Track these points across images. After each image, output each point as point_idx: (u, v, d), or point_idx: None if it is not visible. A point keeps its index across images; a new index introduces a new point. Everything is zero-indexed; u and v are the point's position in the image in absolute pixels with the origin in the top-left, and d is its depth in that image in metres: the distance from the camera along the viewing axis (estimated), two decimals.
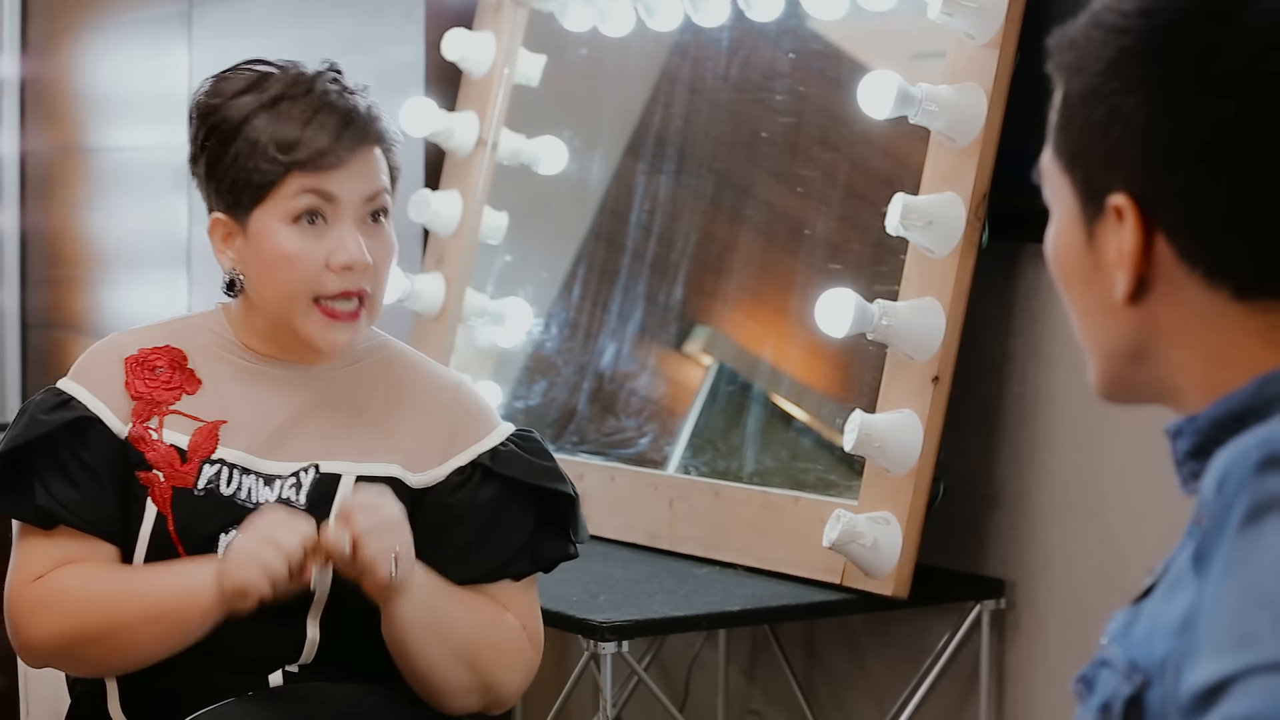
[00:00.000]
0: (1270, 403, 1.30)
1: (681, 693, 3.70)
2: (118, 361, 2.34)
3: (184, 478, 2.30)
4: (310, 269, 2.27)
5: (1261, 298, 1.31)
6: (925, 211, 2.97)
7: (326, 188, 2.26)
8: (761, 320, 3.46)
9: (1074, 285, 1.39)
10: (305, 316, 2.28)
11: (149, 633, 2.24)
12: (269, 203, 2.27)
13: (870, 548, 2.96)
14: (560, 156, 3.77)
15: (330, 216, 2.27)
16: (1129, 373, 1.38)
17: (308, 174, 2.25)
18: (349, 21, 4.18)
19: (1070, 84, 1.36)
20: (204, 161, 2.31)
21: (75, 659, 2.32)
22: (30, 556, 2.31)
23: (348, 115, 2.27)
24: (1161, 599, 1.30)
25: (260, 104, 2.27)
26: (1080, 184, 1.36)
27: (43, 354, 5.36)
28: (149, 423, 2.31)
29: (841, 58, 3.35)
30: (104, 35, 5.12)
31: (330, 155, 2.25)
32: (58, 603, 2.28)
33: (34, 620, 2.29)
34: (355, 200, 2.27)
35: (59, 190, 5.31)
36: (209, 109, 2.30)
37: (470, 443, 2.35)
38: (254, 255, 2.30)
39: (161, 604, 2.24)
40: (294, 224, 2.27)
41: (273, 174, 2.25)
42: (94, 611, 2.25)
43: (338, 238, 2.27)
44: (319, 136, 2.25)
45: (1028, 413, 3.15)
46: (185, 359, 2.35)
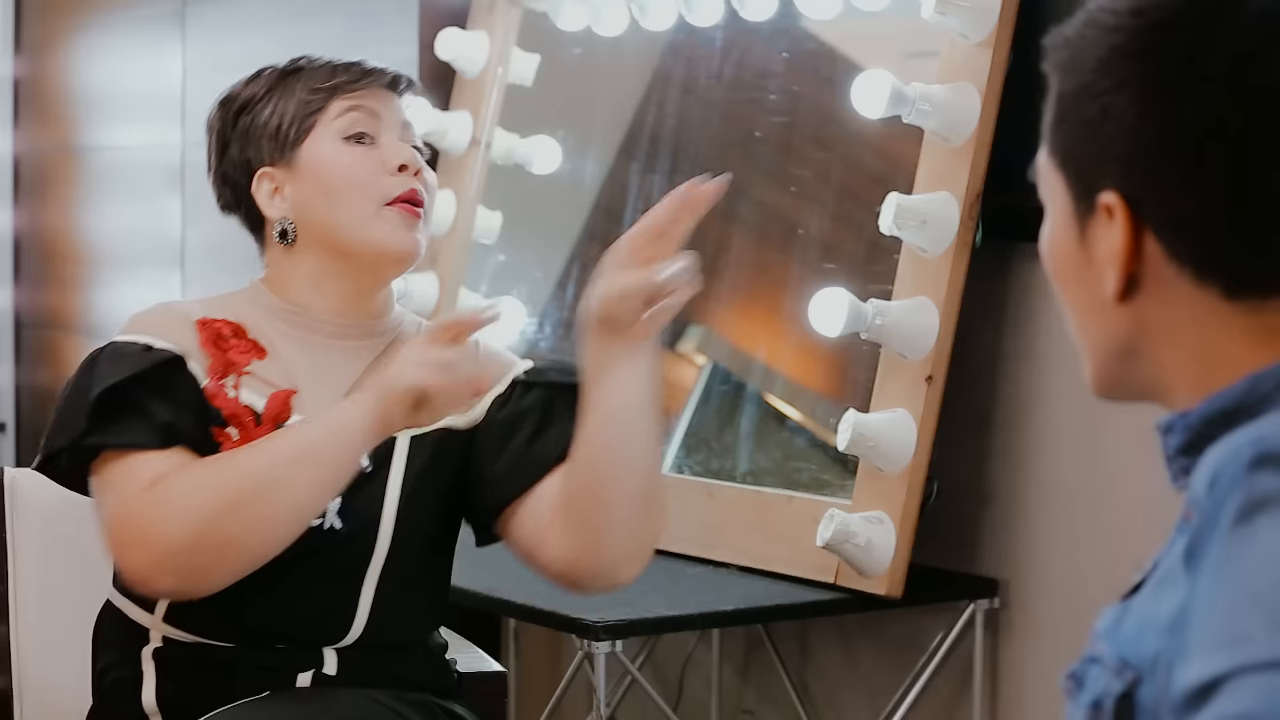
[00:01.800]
0: (1262, 401, 1.30)
1: (675, 692, 3.70)
2: (188, 322, 2.35)
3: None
4: (371, 174, 2.36)
5: (1251, 297, 1.32)
6: (919, 211, 2.97)
7: (369, 104, 2.39)
8: (755, 320, 3.46)
9: (1067, 283, 1.40)
10: (377, 220, 2.35)
11: (292, 484, 2.19)
12: (316, 130, 2.38)
13: (864, 547, 2.96)
14: (554, 156, 3.77)
15: (376, 134, 2.38)
16: (1121, 370, 1.38)
17: (349, 95, 2.38)
18: (342, 21, 4.18)
19: (1064, 82, 1.37)
20: (236, 133, 2.42)
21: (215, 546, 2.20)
22: (135, 473, 2.24)
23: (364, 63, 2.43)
24: (1151, 596, 1.30)
25: (283, 71, 2.43)
26: (1072, 182, 1.37)
27: (37, 353, 5.35)
28: (225, 380, 2.33)
29: (835, 57, 3.35)
30: (97, 34, 5.11)
31: (366, 74, 2.40)
32: (187, 485, 2.21)
33: (164, 515, 2.20)
34: (395, 123, 2.40)
35: (53, 190, 5.31)
36: (229, 98, 2.45)
37: (501, 376, 2.42)
38: (310, 184, 2.37)
39: (303, 447, 2.21)
40: (345, 142, 2.38)
41: (316, 102, 2.38)
42: (233, 477, 2.20)
43: (388, 147, 2.38)
44: (350, 70, 2.40)
45: (1021, 412, 3.15)
46: (245, 330, 2.37)
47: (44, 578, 2.60)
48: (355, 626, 2.33)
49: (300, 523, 2.22)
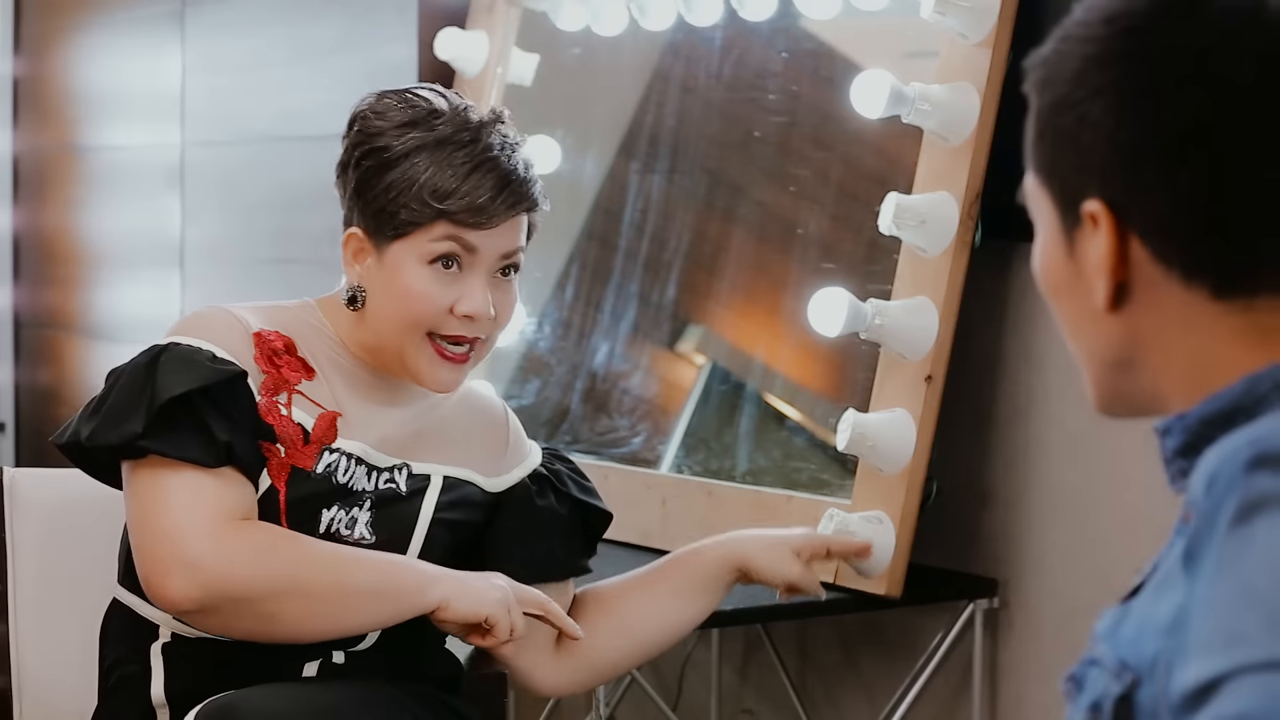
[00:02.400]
0: (1259, 402, 1.30)
1: (675, 692, 3.70)
2: (246, 334, 2.34)
3: (304, 459, 2.32)
4: (434, 310, 2.32)
5: (1240, 296, 1.32)
6: (918, 211, 2.97)
7: (470, 240, 2.31)
8: (754, 319, 3.46)
9: (1060, 298, 1.40)
10: (417, 350, 2.34)
11: (369, 603, 2.26)
12: (411, 239, 2.31)
13: None
14: (553, 156, 3.77)
15: (465, 265, 2.32)
16: (1120, 383, 1.39)
17: (456, 226, 2.30)
18: (342, 20, 4.18)
19: (1041, 99, 1.38)
20: (354, 178, 2.35)
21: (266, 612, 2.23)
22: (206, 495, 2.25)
23: (508, 177, 2.32)
24: (1150, 598, 1.30)
25: (424, 143, 2.32)
26: (1057, 195, 1.37)
27: (36, 353, 5.35)
28: (278, 398, 2.33)
29: (834, 57, 3.35)
30: (97, 34, 5.11)
31: (483, 215, 2.30)
32: (276, 550, 2.23)
33: (241, 562, 2.21)
34: (493, 256, 2.33)
35: (52, 189, 5.31)
36: (373, 131, 2.35)
37: (523, 457, 2.51)
38: (383, 282, 2.34)
39: (394, 581, 2.27)
40: (429, 265, 2.32)
41: (423, 216, 2.30)
42: (321, 569, 2.24)
43: (467, 287, 2.32)
44: (478, 192, 2.30)
45: (1021, 412, 3.15)
46: (296, 348, 2.37)
47: (43, 577, 2.60)
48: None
49: (339, 636, 2.31)
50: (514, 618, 2.27)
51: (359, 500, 2.35)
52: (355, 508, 2.35)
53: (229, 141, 4.60)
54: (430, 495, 2.40)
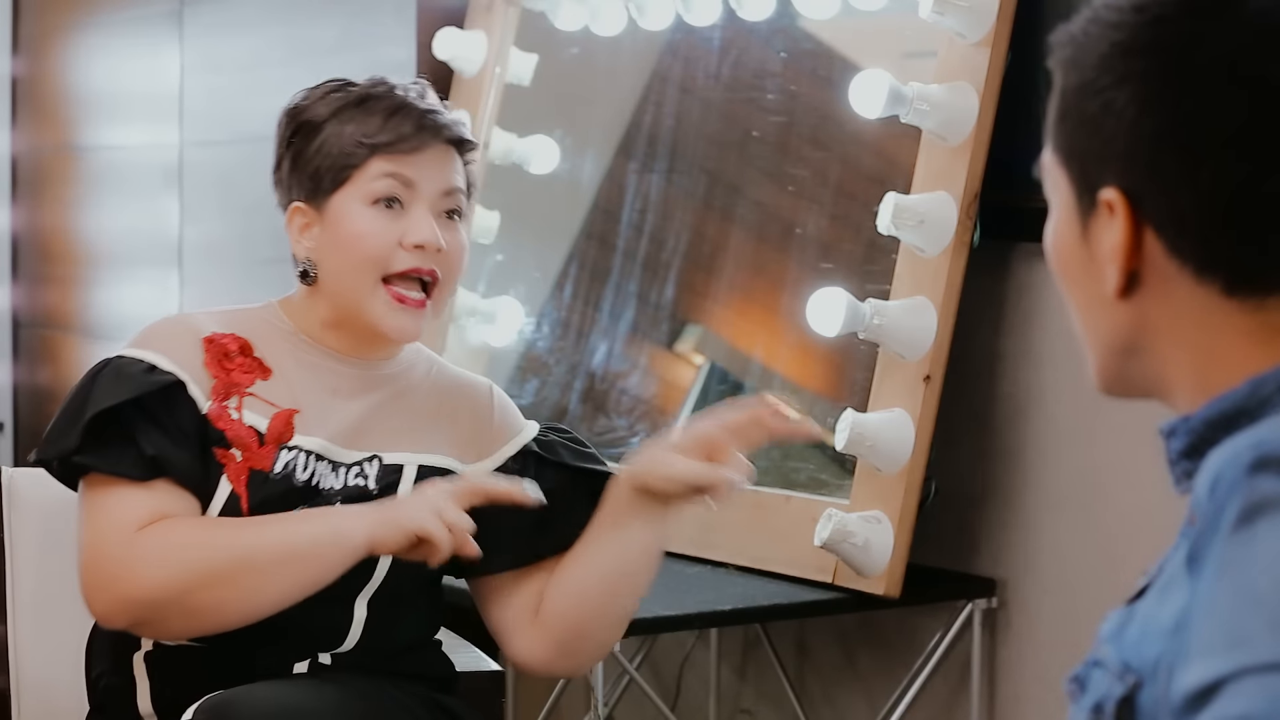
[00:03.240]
0: (1263, 404, 1.30)
1: (673, 692, 3.70)
2: (195, 339, 2.36)
3: (261, 460, 2.32)
4: (383, 246, 2.34)
5: (1251, 294, 1.32)
6: (917, 211, 2.97)
7: (406, 172, 2.36)
8: (753, 319, 3.46)
9: (1070, 279, 1.40)
10: (372, 297, 2.35)
11: (287, 572, 2.23)
12: (350, 185, 2.36)
13: (861, 547, 2.96)
14: (552, 156, 3.77)
15: (407, 202, 2.36)
16: (1124, 367, 1.38)
17: (389, 157, 2.35)
18: (340, 20, 4.18)
19: (1066, 79, 1.37)
20: (289, 156, 2.41)
21: (185, 607, 2.24)
22: (122, 509, 2.26)
23: (429, 112, 2.39)
24: (1155, 600, 1.30)
25: (347, 101, 2.39)
26: (1075, 178, 1.37)
27: (35, 353, 5.35)
28: (228, 402, 2.33)
29: (833, 57, 3.35)
30: (95, 34, 5.11)
31: (413, 139, 2.36)
32: (179, 545, 2.24)
33: (145, 566, 2.22)
34: (432, 191, 2.37)
35: (50, 189, 5.30)
36: (297, 109, 2.42)
37: (512, 435, 2.47)
38: (330, 237, 2.37)
39: (304, 541, 2.24)
40: (372, 205, 2.36)
41: (356, 157, 2.35)
42: (221, 552, 2.23)
43: (412, 221, 2.36)
44: (404, 125, 2.36)
45: (1019, 412, 3.15)
46: (252, 348, 2.38)
47: (42, 577, 2.60)
48: (350, 639, 2.35)
49: (272, 611, 2.26)
50: (450, 519, 2.22)
51: (328, 501, 2.33)
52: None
53: (227, 141, 4.60)
54: (404, 489, 2.37)
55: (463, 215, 2.41)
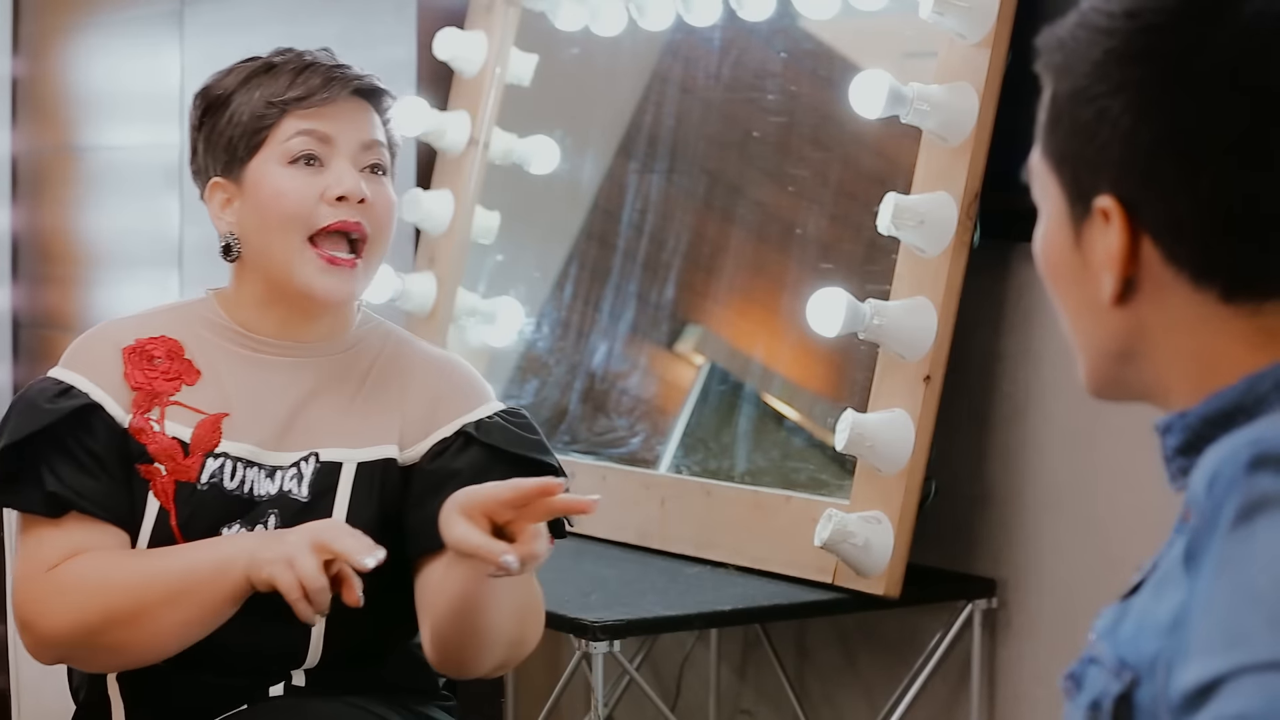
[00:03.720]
0: (1260, 401, 1.30)
1: (673, 692, 3.70)
2: (115, 351, 2.31)
3: (186, 471, 2.27)
4: (304, 202, 2.28)
5: (1249, 300, 1.31)
6: (917, 211, 2.97)
7: (321, 127, 2.29)
8: (753, 319, 3.46)
9: (1062, 285, 1.39)
10: (301, 259, 2.28)
11: (174, 611, 2.19)
12: (265, 148, 2.30)
13: (861, 547, 2.96)
14: (552, 156, 3.77)
15: (326, 158, 2.30)
16: (1117, 372, 1.38)
17: (301, 115, 2.29)
18: (340, 20, 4.18)
19: (1058, 84, 1.37)
20: (202, 137, 2.34)
21: (95, 648, 2.23)
22: (39, 547, 2.25)
23: (336, 68, 2.32)
24: (1150, 596, 1.30)
25: (253, 70, 2.33)
26: (1068, 185, 1.36)
27: (35, 353, 5.35)
28: (150, 414, 2.28)
29: (833, 57, 3.35)
30: (95, 34, 5.11)
31: (323, 92, 2.29)
32: (76, 589, 2.21)
33: (51, 610, 2.22)
34: (351, 144, 2.30)
35: (51, 189, 5.30)
36: (205, 88, 2.36)
37: (456, 415, 2.33)
38: (251, 205, 2.31)
39: (189, 578, 2.18)
40: (290, 165, 2.29)
41: (268, 118, 2.29)
42: (115, 594, 2.20)
43: (334, 173, 2.29)
44: (310, 79, 2.30)
45: (1019, 412, 3.15)
46: (182, 349, 2.33)
47: None
48: (311, 654, 2.29)
49: (183, 642, 2.22)
50: (300, 571, 2.10)
51: (262, 514, 2.27)
52: (260, 524, 2.27)
53: None
54: (341, 499, 2.28)
55: (386, 171, 2.34)
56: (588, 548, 3.37)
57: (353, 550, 2.10)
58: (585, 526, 3.45)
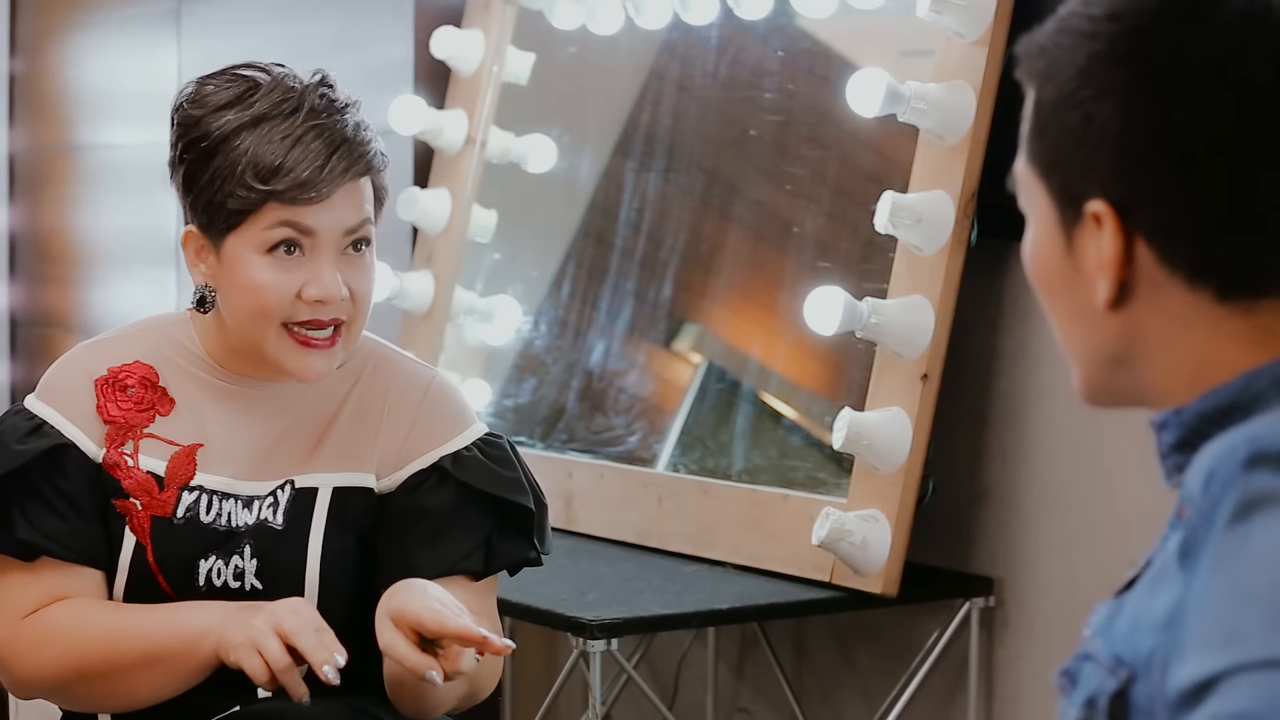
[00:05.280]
0: (1256, 399, 1.30)
1: (671, 690, 3.70)
2: (87, 383, 2.27)
3: (162, 506, 2.25)
4: (281, 299, 2.18)
5: (1244, 298, 1.31)
6: (914, 209, 2.97)
7: (305, 221, 2.16)
8: (750, 318, 3.46)
9: (1054, 292, 1.39)
10: (277, 343, 2.20)
11: (146, 676, 2.20)
12: (244, 230, 2.17)
13: (859, 545, 2.96)
14: (549, 154, 3.77)
15: (308, 249, 2.18)
16: (1113, 378, 1.38)
17: (286, 205, 2.15)
18: (337, 19, 4.18)
19: (1042, 91, 1.36)
20: (181, 173, 2.22)
21: (69, 697, 2.27)
22: (14, 592, 2.25)
23: (334, 142, 2.16)
24: (1145, 592, 1.30)
25: (243, 123, 2.16)
26: (1057, 191, 1.36)
27: (32, 352, 5.35)
28: (124, 448, 2.25)
29: (830, 56, 3.35)
30: (93, 33, 5.11)
31: (311, 189, 2.15)
32: (50, 641, 2.22)
33: (26, 659, 2.23)
34: (335, 234, 2.18)
35: (48, 188, 5.30)
36: (190, 120, 2.21)
37: (433, 445, 2.30)
38: (226, 278, 2.21)
39: (161, 647, 2.18)
40: (268, 254, 2.17)
41: (250, 202, 2.16)
42: (89, 651, 2.20)
43: (313, 270, 2.18)
44: (301, 166, 2.14)
45: (1016, 410, 3.15)
46: (156, 376, 2.28)
47: None
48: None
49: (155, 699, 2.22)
50: (267, 654, 2.10)
51: (239, 544, 2.25)
52: (236, 554, 2.25)
53: None
54: (316, 525, 2.26)
55: (371, 241, 2.21)
56: (585, 546, 3.37)
57: (313, 650, 2.09)
58: (583, 525, 3.45)
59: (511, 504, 2.29)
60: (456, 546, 2.27)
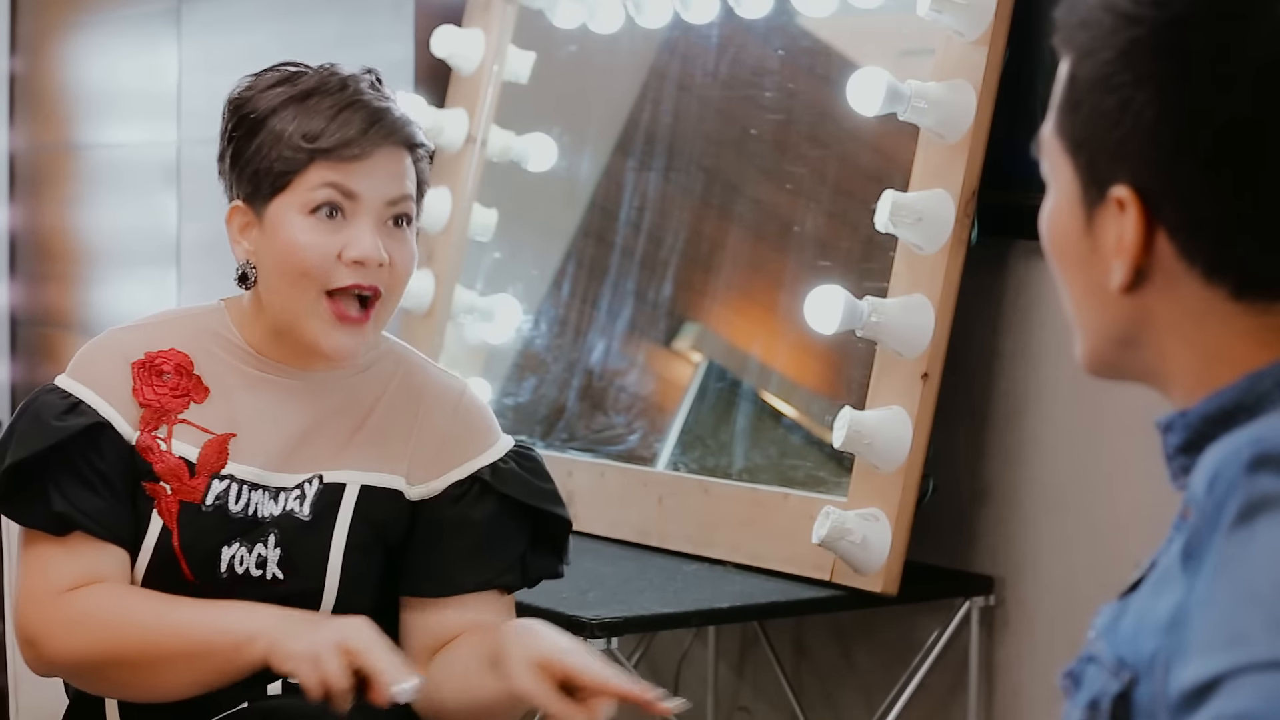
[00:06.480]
0: (1261, 400, 1.29)
1: (671, 689, 3.69)
2: (124, 365, 2.28)
3: (192, 492, 2.26)
4: (321, 258, 2.21)
5: (1260, 298, 1.31)
6: (914, 208, 2.97)
7: (348, 183, 2.22)
8: (751, 317, 3.46)
9: (1068, 266, 1.38)
10: (313, 313, 2.22)
11: (184, 668, 2.17)
12: (289, 192, 2.23)
13: (859, 544, 2.96)
14: (549, 153, 3.77)
15: (349, 213, 2.22)
16: (1118, 356, 1.37)
17: (330, 165, 2.21)
18: (338, 18, 4.18)
19: (1079, 66, 1.34)
20: (230, 151, 2.28)
21: (98, 680, 2.24)
22: (48, 568, 2.24)
23: (378, 113, 2.23)
24: (1149, 595, 1.30)
25: (291, 96, 2.24)
26: (1083, 168, 1.34)
27: (32, 351, 5.35)
28: (157, 431, 2.26)
29: (830, 55, 3.35)
30: (93, 32, 5.11)
31: (355, 146, 2.21)
32: (88, 623, 2.20)
33: (57, 636, 2.21)
34: (377, 201, 2.23)
35: (48, 187, 5.30)
36: (240, 101, 2.28)
37: (469, 456, 2.33)
38: (268, 245, 2.24)
39: (205, 644, 2.17)
40: (311, 215, 2.22)
41: (296, 162, 2.22)
42: (129, 638, 2.18)
43: (354, 233, 2.22)
44: (346, 128, 2.21)
45: (1016, 409, 3.15)
46: (191, 365, 2.29)
47: None
48: None
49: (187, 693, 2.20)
50: (326, 670, 2.07)
51: (263, 534, 2.26)
52: (260, 543, 2.26)
53: None
54: (342, 519, 2.28)
55: (412, 221, 2.27)
56: (585, 545, 3.37)
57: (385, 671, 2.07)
58: (583, 524, 3.45)
59: (544, 515, 2.33)
60: (495, 561, 2.31)
